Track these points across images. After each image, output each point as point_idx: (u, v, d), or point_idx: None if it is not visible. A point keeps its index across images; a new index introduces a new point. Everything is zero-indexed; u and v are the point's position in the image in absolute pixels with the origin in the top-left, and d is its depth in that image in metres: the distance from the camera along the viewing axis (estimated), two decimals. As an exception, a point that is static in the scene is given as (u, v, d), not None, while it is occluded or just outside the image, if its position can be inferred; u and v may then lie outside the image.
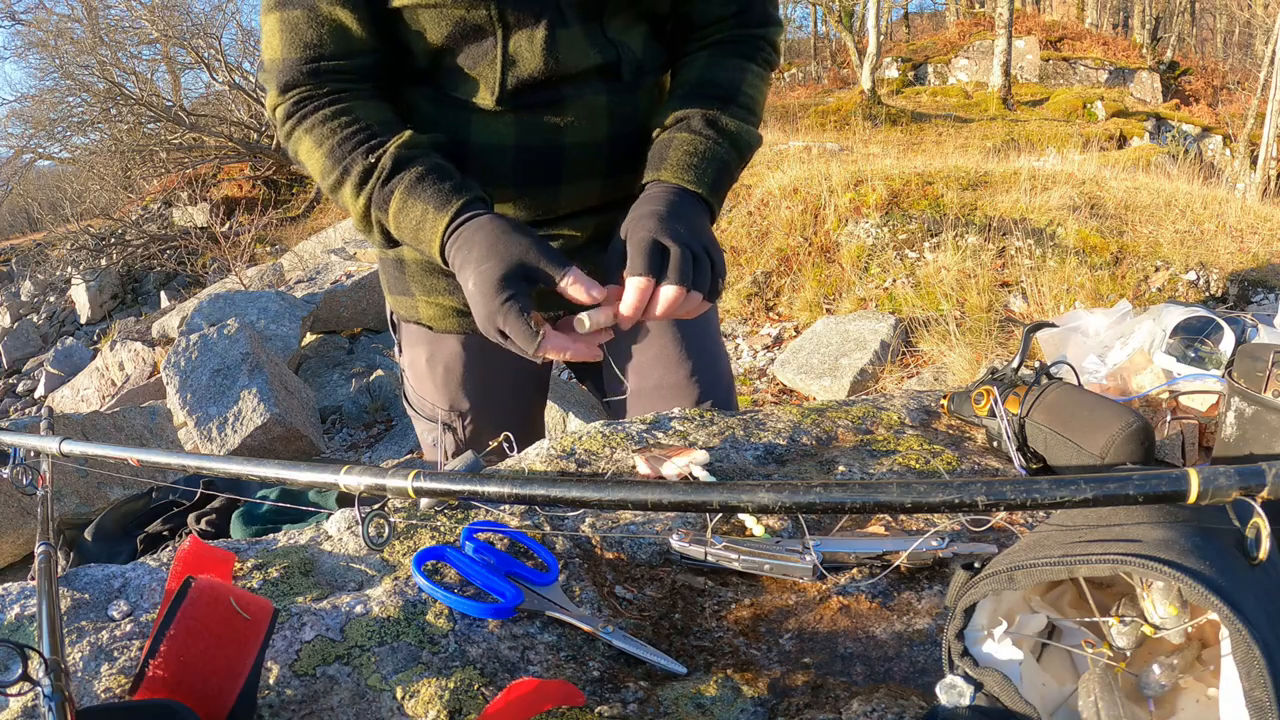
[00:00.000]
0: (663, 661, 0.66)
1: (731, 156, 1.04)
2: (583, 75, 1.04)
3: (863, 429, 1.04)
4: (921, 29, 24.14)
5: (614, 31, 1.05)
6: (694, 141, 1.01)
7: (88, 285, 9.75)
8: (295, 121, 1.01)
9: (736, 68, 1.09)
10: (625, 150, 1.11)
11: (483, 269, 0.89)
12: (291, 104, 1.01)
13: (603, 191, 1.13)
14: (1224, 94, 17.38)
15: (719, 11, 1.10)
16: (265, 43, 1.02)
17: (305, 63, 0.99)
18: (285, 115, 1.02)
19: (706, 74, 1.08)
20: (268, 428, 4.29)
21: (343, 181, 0.99)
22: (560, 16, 1.00)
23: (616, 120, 1.09)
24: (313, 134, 1.00)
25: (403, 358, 1.32)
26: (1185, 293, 4.88)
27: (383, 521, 0.72)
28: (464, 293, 0.92)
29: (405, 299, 1.23)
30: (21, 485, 0.95)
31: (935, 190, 5.84)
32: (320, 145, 0.99)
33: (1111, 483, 0.47)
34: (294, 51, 0.99)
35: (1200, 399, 0.99)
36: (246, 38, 16.69)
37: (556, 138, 1.06)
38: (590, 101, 1.06)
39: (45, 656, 0.53)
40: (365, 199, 0.98)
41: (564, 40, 1.01)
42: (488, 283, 0.88)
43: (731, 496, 0.52)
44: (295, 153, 1.04)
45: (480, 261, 0.89)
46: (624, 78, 1.07)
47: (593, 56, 1.03)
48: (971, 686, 0.53)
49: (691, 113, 1.04)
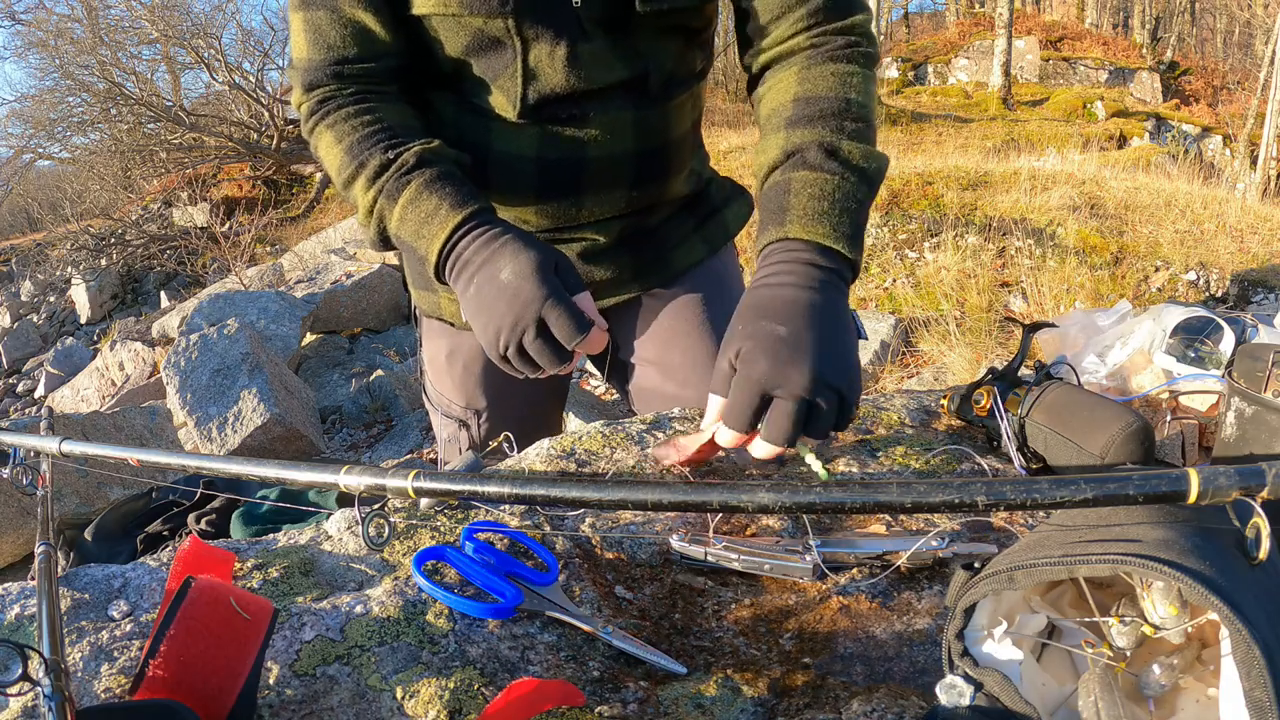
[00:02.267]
0: (663, 661, 0.66)
1: (862, 191, 0.86)
2: (608, 90, 1.01)
3: (863, 429, 1.04)
4: (921, 29, 24.13)
5: (643, 45, 1.01)
6: (818, 181, 0.85)
7: (88, 285, 9.75)
8: (318, 119, 1.00)
9: (834, 77, 0.93)
10: (653, 161, 1.09)
11: (523, 257, 0.84)
12: (315, 102, 1.01)
13: (629, 200, 1.11)
14: (1224, 94, 17.38)
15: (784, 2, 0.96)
16: (293, 41, 1.03)
17: (329, 64, 0.99)
18: (309, 113, 1.02)
19: (801, 91, 0.92)
20: (268, 428, 4.29)
21: (357, 175, 0.96)
22: (581, 31, 0.97)
23: (643, 134, 1.06)
24: (333, 130, 0.99)
25: (423, 351, 1.31)
26: (1185, 293, 4.89)
27: (383, 521, 0.72)
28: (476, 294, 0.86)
29: (428, 294, 1.23)
30: (21, 485, 0.95)
31: (935, 190, 5.84)
32: (340, 141, 0.98)
33: (1111, 483, 0.47)
34: (318, 52, 0.99)
35: (1200, 399, 0.99)
36: (246, 38, 16.74)
37: (579, 151, 1.04)
38: (616, 116, 1.03)
39: (45, 656, 0.53)
40: (376, 191, 0.95)
41: (586, 55, 0.98)
42: (532, 267, 0.82)
43: (731, 496, 0.52)
44: (315, 149, 1.03)
45: (518, 253, 0.84)
46: (652, 91, 1.04)
47: (619, 71, 1.00)
48: (971, 686, 0.53)
49: (805, 144, 0.88)
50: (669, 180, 1.14)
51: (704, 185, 1.23)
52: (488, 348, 0.86)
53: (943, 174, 6.11)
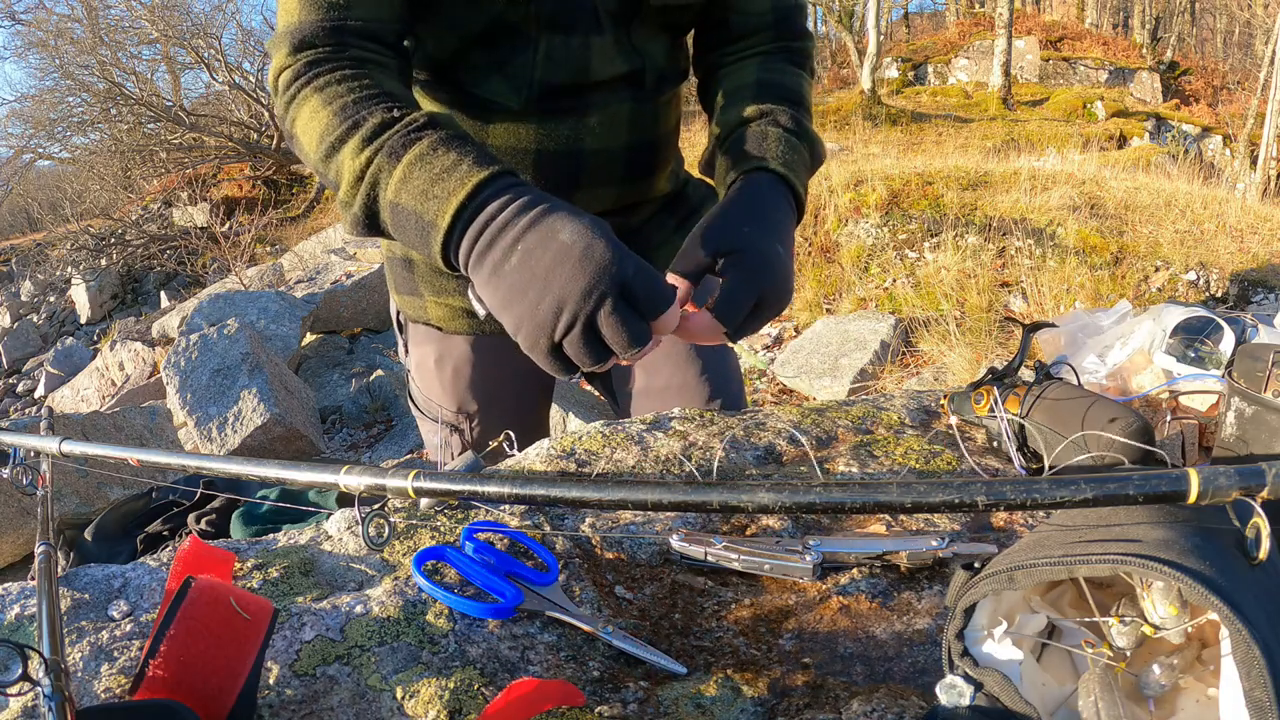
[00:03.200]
0: (663, 661, 0.66)
1: (810, 164, 0.98)
2: (609, 83, 1.03)
3: (863, 429, 1.04)
4: (921, 29, 24.14)
5: (639, 40, 1.04)
6: (789, 139, 0.94)
7: (88, 285, 9.75)
8: (305, 81, 0.82)
9: (793, 74, 1.05)
10: (642, 157, 1.12)
11: (584, 216, 0.69)
12: (303, 65, 0.83)
13: (618, 196, 1.13)
14: (1224, 94, 17.38)
15: (758, 22, 1.08)
16: (281, 10, 0.88)
17: (327, 21, 0.84)
18: (292, 77, 0.83)
19: (766, 77, 1.03)
20: (268, 428, 4.29)
21: (347, 137, 0.78)
22: (596, 23, 0.99)
23: (636, 128, 1.09)
24: (322, 94, 0.81)
25: (409, 358, 1.31)
26: (1185, 293, 4.89)
27: (383, 521, 0.72)
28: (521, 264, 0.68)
29: (413, 299, 1.23)
30: (21, 485, 0.95)
31: (935, 190, 5.84)
32: (329, 104, 0.80)
33: (1111, 483, 0.47)
34: (315, 11, 0.84)
35: (1200, 399, 0.99)
36: (246, 38, 16.71)
37: (577, 143, 1.05)
38: (614, 109, 1.05)
39: (45, 656, 0.53)
40: (372, 150, 0.76)
41: (596, 47, 1.00)
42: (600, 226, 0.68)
43: (731, 496, 0.52)
44: (292, 124, 0.84)
45: (575, 213, 0.70)
46: (647, 86, 1.07)
47: (619, 64, 1.03)
48: (971, 686, 0.53)
49: (777, 109, 0.97)
50: (655, 176, 1.17)
51: (682, 185, 1.27)
52: (536, 332, 0.68)
53: (943, 174, 6.11)
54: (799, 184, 0.92)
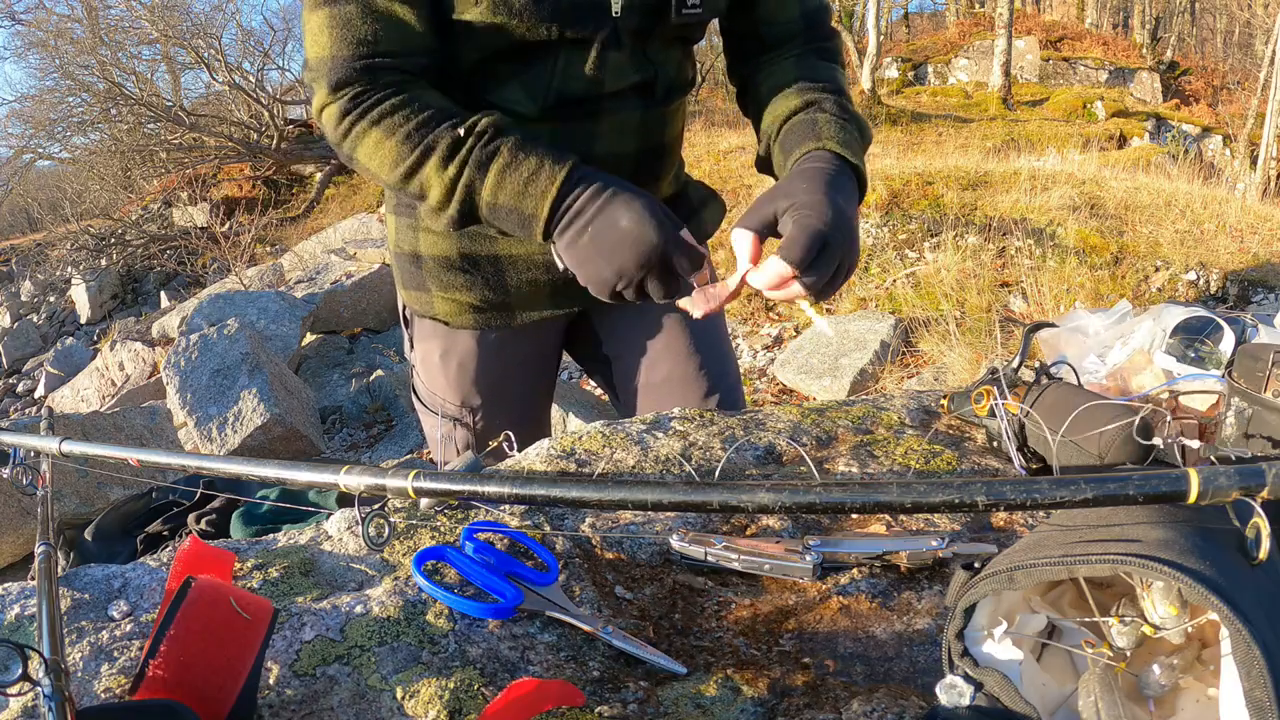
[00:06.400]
0: (663, 661, 0.66)
1: (861, 142, 1.03)
2: (621, 92, 1.07)
3: (863, 429, 1.04)
4: (921, 29, 24.12)
5: (653, 52, 1.09)
6: (838, 121, 1.01)
7: (88, 285, 9.74)
8: (356, 117, 0.95)
9: (828, 68, 1.11)
10: (649, 162, 1.16)
11: (637, 204, 0.89)
12: (348, 101, 0.95)
13: None
14: (1224, 94, 17.38)
15: (789, 29, 1.13)
16: (311, 40, 0.97)
17: (358, 59, 0.94)
18: (341, 113, 0.95)
19: (804, 73, 1.09)
20: (268, 428, 4.29)
21: (424, 160, 0.93)
22: (615, 38, 1.03)
23: (645, 135, 1.13)
24: (381, 125, 0.94)
25: (414, 353, 1.32)
26: (1185, 293, 4.89)
27: (383, 521, 0.72)
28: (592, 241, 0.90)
29: (420, 294, 1.24)
30: (21, 485, 0.95)
31: (935, 190, 5.84)
32: (392, 134, 0.93)
33: (1111, 483, 0.47)
34: (346, 48, 0.94)
35: (1200, 399, 0.99)
36: (246, 38, 16.71)
37: (588, 148, 1.08)
38: (625, 117, 1.10)
39: (45, 656, 0.53)
40: (458, 166, 0.92)
41: (612, 61, 1.04)
42: (649, 212, 0.89)
43: (731, 496, 0.52)
44: (354, 151, 0.97)
45: (630, 201, 0.90)
46: (657, 95, 1.11)
47: (632, 76, 1.07)
48: (971, 686, 0.53)
49: (821, 97, 1.04)
50: (660, 180, 1.22)
51: (683, 187, 1.30)
52: (602, 287, 0.92)
53: (943, 174, 6.11)
54: (855, 159, 0.97)
